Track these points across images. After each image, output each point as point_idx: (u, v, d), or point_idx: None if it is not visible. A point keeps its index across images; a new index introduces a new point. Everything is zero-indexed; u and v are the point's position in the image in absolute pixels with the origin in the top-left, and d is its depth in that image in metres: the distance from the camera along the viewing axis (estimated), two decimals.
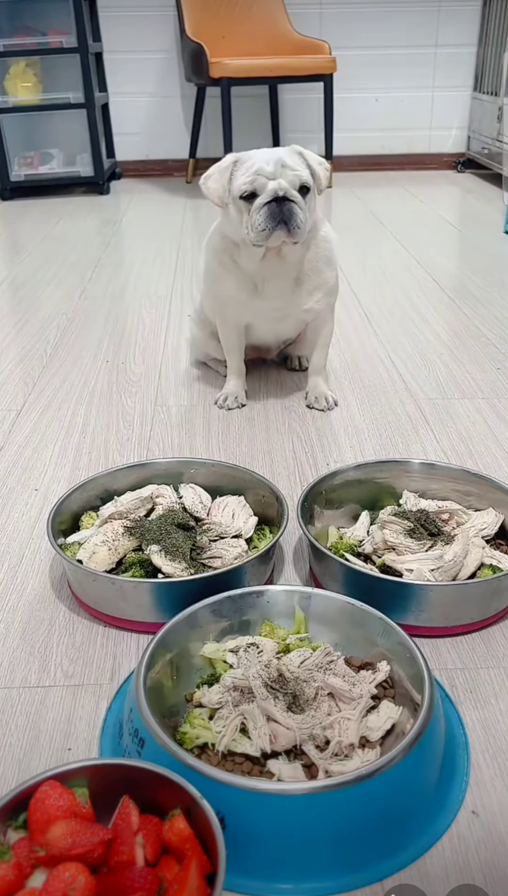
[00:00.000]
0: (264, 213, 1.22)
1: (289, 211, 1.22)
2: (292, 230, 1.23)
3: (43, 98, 3.41)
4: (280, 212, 1.22)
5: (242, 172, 1.24)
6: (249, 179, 1.23)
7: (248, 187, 1.23)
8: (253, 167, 1.23)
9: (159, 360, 1.73)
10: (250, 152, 1.27)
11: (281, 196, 1.22)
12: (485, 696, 0.83)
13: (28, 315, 2.04)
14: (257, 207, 1.23)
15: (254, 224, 1.24)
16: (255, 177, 1.23)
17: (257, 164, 1.23)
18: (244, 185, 1.23)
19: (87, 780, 0.63)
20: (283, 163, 1.23)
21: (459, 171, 3.90)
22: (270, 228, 1.23)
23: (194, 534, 1.01)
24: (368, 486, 1.10)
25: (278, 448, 1.34)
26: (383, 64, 3.76)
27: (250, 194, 1.24)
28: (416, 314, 1.96)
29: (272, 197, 1.22)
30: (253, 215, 1.23)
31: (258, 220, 1.23)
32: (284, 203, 1.22)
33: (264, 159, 1.24)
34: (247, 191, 1.23)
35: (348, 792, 0.64)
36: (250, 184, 1.23)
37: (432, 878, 0.65)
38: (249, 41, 3.46)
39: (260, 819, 0.64)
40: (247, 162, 1.25)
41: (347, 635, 0.84)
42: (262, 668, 0.77)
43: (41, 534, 1.11)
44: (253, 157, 1.25)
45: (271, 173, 1.22)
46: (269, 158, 1.23)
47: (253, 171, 1.23)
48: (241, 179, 1.24)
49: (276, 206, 1.22)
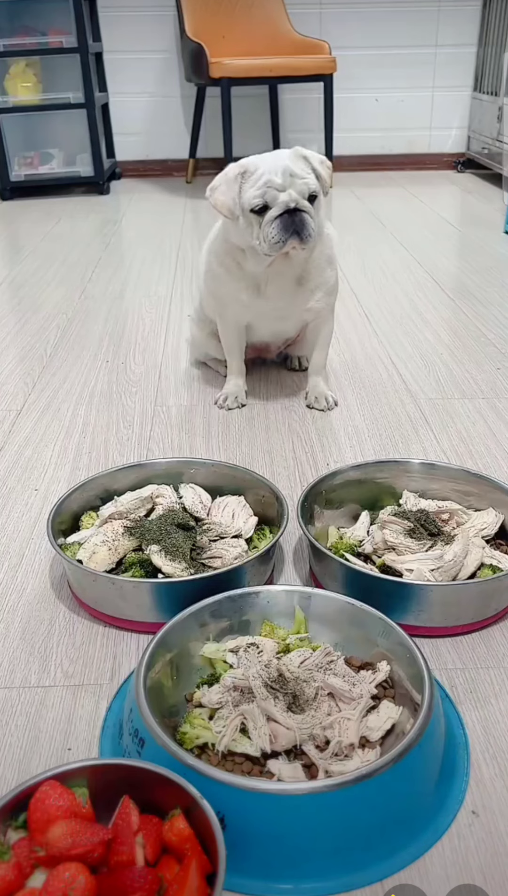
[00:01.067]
0: (278, 225, 1.23)
1: (301, 221, 1.23)
2: (304, 239, 1.24)
3: (43, 98, 3.41)
4: (292, 223, 1.23)
5: (250, 185, 1.24)
6: (259, 192, 1.23)
7: (259, 201, 1.23)
8: (262, 179, 1.23)
9: (159, 360, 1.73)
10: (254, 160, 1.26)
11: (293, 208, 1.23)
12: (485, 696, 0.83)
13: (28, 315, 2.04)
14: (270, 220, 1.23)
15: (267, 236, 1.24)
16: (265, 189, 1.23)
17: (265, 175, 1.23)
18: (256, 198, 1.23)
19: (87, 780, 0.63)
20: (291, 172, 1.23)
21: (459, 171, 3.90)
22: (283, 240, 1.24)
23: (193, 534, 1.01)
24: (368, 486, 1.10)
25: (278, 448, 1.34)
26: (383, 64, 3.76)
27: (262, 207, 1.24)
28: (416, 314, 1.96)
29: (284, 209, 1.23)
30: (265, 228, 1.24)
31: (272, 232, 1.23)
32: (295, 214, 1.23)
33: (272, 169, 1.23)
34: (259, 205, 1.24)
35: (348, 792, 0.64)
36: (261, 197, 1.23)
37: (432, 878, 0.65)
38: (249, 41, 3.46)
39: (260, 819, 0.64)
40: (255, 173, 1.24)
41: (347, 635, 0.84)
42: (262, 668, 0.77)
43: (41, 534, 1.11)
44: (260, 167, 1.24)
45: (280, 185, 1.23)
46: (276, 168, 1.23)
47: (263, 184, 1.23)
48: (251, 192, 1.24)
49: (288, 217, 1.23)
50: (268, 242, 1.24)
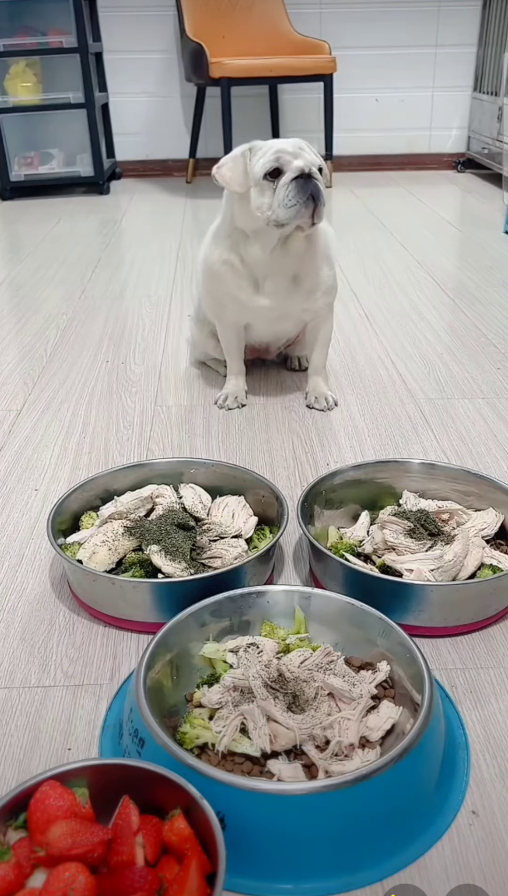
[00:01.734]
0: (293, 187, 1.23)
1: (316, 187, 1.24)
2: (318, 207, 1.25)
3: (43, 98, 3.41)
4: (308, 186, 1.23)
5: (260, 156, 1.26)
6: (273, 157, 1.24)
7: (273, 164, 1.24)
8: (273, 148, 1.25)
9: (159, 360, 1.73)
10: (260, 142, 1.29)
11: (307, 173, 1.23)
12: (485, 696, 0.83)
13: (28, 315, 2.04)
14: (285, 184, 1.23)
15: (283, 200, 1.24)
16: (278, 154, 1.24)
17: (276, 145, 1.26)
18: (269, 162, 1.24)
19: (87, 780, 0.63)
20: (300, 146, 1.26)
21: (459, 171, 3.90)
22: (300, 203, 1.24)
23: (194, 534, 1.01)
24: (368, 486, 1.10)
25: (278, 448, 1.34)
26: (383, 64, 3.76)
27: (275, 171, 1.24)
28: (416, 314, 1.96)
29: (299, 173, 1.23)
30: (280, 191, 1.24)
31: (288, 195, 1.23)
32: (309, 180, 1.24)
33: (282, 143, 1.26)
34: (272, 167, 1.24)
35: (348, 792, 0.64)
36: (275, 161, 1.24)
37: (432, 878, 0.65)
38: (249, 41, 3.46)
39: (260, 819, 0.64)
40: (263, 147, 1.27)
41: (347, 635, 0.84)
42: (262, 668, 0.77)
43: (41, 534, 1.11)
44: (267, 144, 1.27)
45: (292, 153, 1.24)
46: (286, 142, 1.26)
47: (275, 151, 1.25)
48: (264, 159, 1.25)
49: (303, 181, 1.23)
50: (284, 206, 1.24)
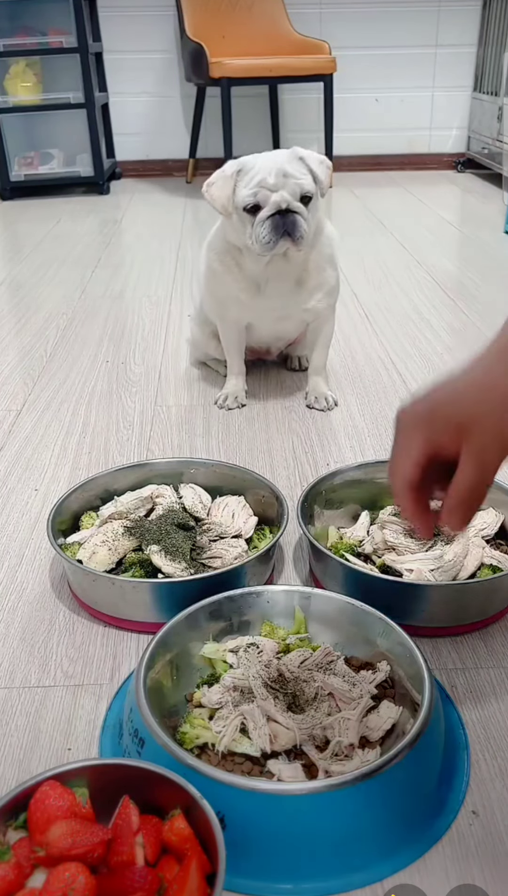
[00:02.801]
0: (268, 225, 1.24)
1: (292, 222, 1.24)
2: (295, 240, 1.25)
3: (43, 98, 3.41)
4: (283, 223, 1.24)
5: (244, 184, 1.25)
6: (251, 192, 1.24)
7: (251, 200, 1.24)
8: (255, 178, 1.24)
9: (159, 360, 1.73)
10: (252, 159, 1.27)
11: (284, 209, 1.23)
12: (485, 696, 0.83)
13: (28, 315, 2.04)
14: (261, 220, 1.24)
15: (258, 236, 1.25)
16: (258, 189, 1.24)
17: (259, 174, 1.24)
18: (247, 197, 1.24)
19: (87, 780, 0.63)
20: (285, 172, 1.24)
21: (459, 171, 3.90)
22: (274, 241, 1.25)
23: (194, 534, 1.01)
24: (368, 486, 1.10)
25: (278, 448, 1.34)
26: (383, 64, 3.76)
27: (254, 206, 1.25)
28: (416, 314, 1.96)
29: (275, 210, 1.23)
30: (256, 228, 1.25)
31: (262, 232, 1.24)
32: (287, 215, 1.24)
33: (267, 168, 1.24)
34: (250, 203, 1.25)
35: (348, 792, 0.64)
36: (252, 196, 1.24)
37: (432, 878, 0.65)
38: (249, 41, 3.46)
39: (260, 819, 0.64)
40: (250, 172, 1.25)
41: (347, 635, 0.84)
42: (262, 668, 0.77)
43: (41, 534, 1.11)
44: (255, 166, 1.25)
45: (273, 185, 1.23)
46: (271, 168, 1.24)
47: (256, 184, 1.24)
48: (244, 192, 1.25)
49: (279, 218, 1.23)
50: (259, 243, 1.25)
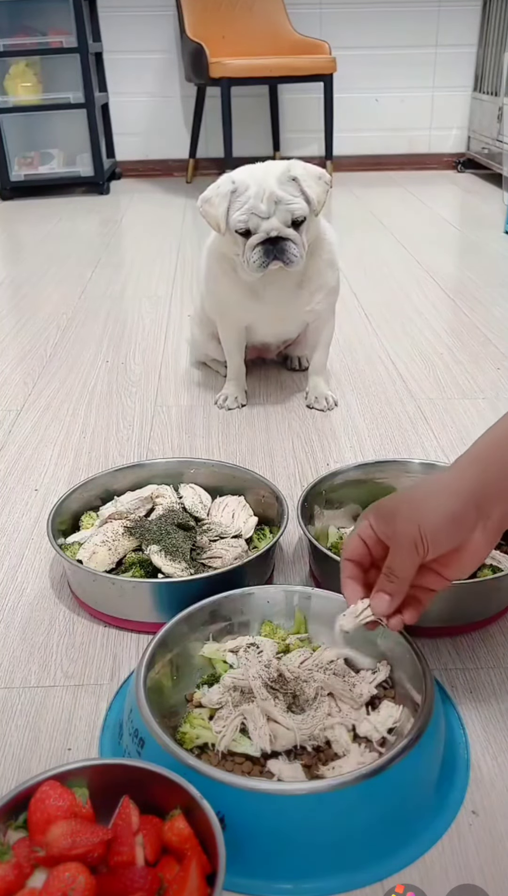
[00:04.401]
0: (259, 251, 1.26)
1: (282, 249, 1.26)
2: (286, 264, 1.27)
3: (43, 98, 3.41)
4: (274, 249, 1.26)
5: (238, 206, 1.26)
6: (243, 218, 1.25)
7: (243, 226, 1.26)
8: (247, 203, 1.25)
9: (159, 360, 1.73)
10: (246, 177, 1.26)
11: (274, 236, 1.25)
12: (485, 696, 0.83)
13: (28, 315, 2.04)
14: (251, 246, 1.27)
15: (249, 260, 1.28)
16: (249, 216, 1.25)
17: (250, 200, 1.25)
18: (240, 222, 1.26)
19: (87, 780, 0.63)
20: (276, 198, 1.24)
21: (459, 171, 3.90)
22: (264, 265, 1.27)
23: (194, 534, 1.01)
24: (368, 486, 1.10)
25: (278, 448, 1.34)
26: (383, 64, 3.76)
27: (245, 231, 1.27)
28: (416, 314, 1.96)
29: (265, 237, 1.26)
30: (247, 252, 1.27)
31: (253, 257, 1.27)
32: (277, 241, 1.26)
33: (258, 194, 1.24)
34: (242, 229, 1.26)
35: (348, 792, 0.64)
36: (244, 222, 1.26)
37: (432, 878, 0.65)
38: (249, 41, 3.46)
39: (260, 819, 0.64)
40: (244, 193, 1.25)
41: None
42: (262, 668, 0.77)
43: (41, 534, 1.11)
44: (250, 187, 1.25)
45: (264, 212, 1.25)
46: (262, 193, 1.24)
47: (247, 209, 1.25)
48: (235, 216, 1.26)
49: (270, 244, 1.26)
50: (250, 265, 1.28)
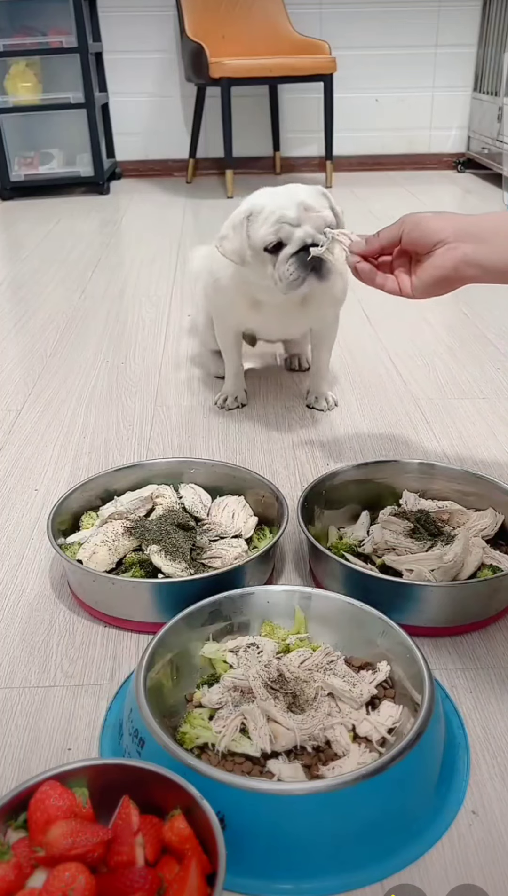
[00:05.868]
0: (295, 262, 1.14)
1: (318, 259, 1.13)
2: (322, 277, 1.16)
3: (43, 98, 3.41)
4: (311, 260, 1.14)
5: (260, 223, 1.15)
6: (273, 230, 1.14)
7: (273, 238, 1.15)
8: (274, 215, 1.15)
9: (159, 360, 1.73)
10: (260, 200, 1.18)
11: (310, 244, 1.13)
12: (485, 696, 0.83)
13: (28, 315, 2.04)
14: (285, 258, 1.15)
15: (284, 275, 1.15)
16: (279, 226, 1.14)
17: (278, 211, 1.14)
18: (269, 235, 1.15)
19: (87, 780, 0.63)
20: (306, 205, 1.14)
21: (459, 171, 3.90)
22: (302, 278, 1.15)
23: (194, 534, 1.01)
24: (368, 486, 1.10)
25: (278, 448, 1.34)
26: (383, 64, 3.76)
27: (276, 245, 1.15)
28: (416, 314, 1.96)
29: (300, 246, 1.14)
30: (281, 266, 1.15)
31: (289, 270, 1.15)
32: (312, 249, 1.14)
33: (284, 204, 1.14)
34: (272, 242, 1.15)
35: (348, 792, 0.64)
36: (274, 234, 1.14)
37: (432, 878, 0.65)
38: (249, 41, 3.46)
39: (260, 819, 0.64)
40: (264, 211, 1.16)
41: (347, 635, 0.84)
42: (262, 668, 0.77)
43: (41, 534, 1.11)
44: (268, 205, 1.17)
45: (295, 219, 1.14)
46: (289, 203, 1.14)
47: (275, 220, 1.15)
48: (263, 231, 1.15)
49: (306, 254, 1.13)
50: (285, 281, 1.16)
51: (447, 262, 0.86)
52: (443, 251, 0.86)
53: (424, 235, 0.87)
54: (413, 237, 0.88)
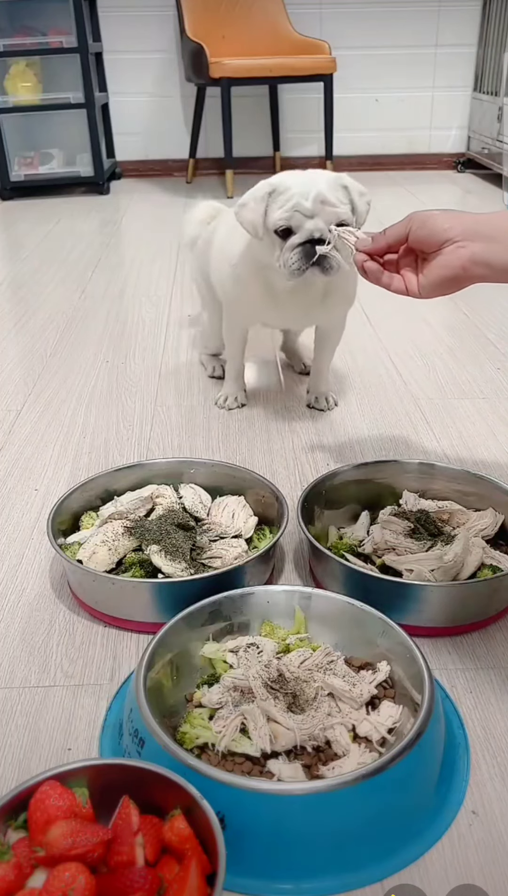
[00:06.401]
0: (299, 253, 1.15)
1: (322, 255, 1.14)
2: (325, 271, 1.16)
3: (43, 98, 3.41)
4: (315, 253, 1.14)
5: (278, 204, 1.15)
6: (286, 215, 1.14)
7: (284, 223, 1.15)
8: (291, 201, 1.14)
9: (159, 360, 1.73)
10: (286, 179, 1.17)
11: (317, 238, 1.14)
12: (485, 696, 0.83)
13: (28, 315, 2.04)
14: (291, 246, 1.15)
15: (287, 262, 1.16)
16: (292, 213, 1.14)
17: (295, 197, 1.14)
18: (281, 220, 1.15)
19: (87, 780, 0.63)
20: (323, 198, 1.13)
21: (459, 171, 3.90)
22: (302, 269, 1.16)
23: (194, 534, 1.01)
24: (368, 486, 1.10)
25: (278, 448, 1.34)
26: (383, 64, 3.76)
27: (286, 230, 1.16)
28: (416, 314, 1.96)
29: (308, 238, 1.14)
30: (286, 253, 1.16)
31: (292, 258, 1.15)
32: (319, 245, 1.14)
33: (303, 193, 1.14)
34: (282, 226, 1.15)
35: (348, 792, 0.64)
36: (286, 220, 1.15)
37: (432, 878, 0.65)
38: (249, 41, 3.46)
39: (260, 819, 0.64)
40: (285, 193, 1.15)
41: (347, 635, 0.84)
42: (262, 668, 0.77)
43: (41, 534, 1.11)
44: (291, 188, 1.16)
45: (309, 210, 1.13)
46: (308, 192, 1.13)
47: (291, 206, 1.15)
48: (277, 213, 1.15)
49: (311, 247, 1.14)
50: (287, 268, 1.17)
51: (455, 261, 0.85)
52: (451, 250, 0.85)
53: (432, 234, 0.86)
54: (421, 235, 0.87)
